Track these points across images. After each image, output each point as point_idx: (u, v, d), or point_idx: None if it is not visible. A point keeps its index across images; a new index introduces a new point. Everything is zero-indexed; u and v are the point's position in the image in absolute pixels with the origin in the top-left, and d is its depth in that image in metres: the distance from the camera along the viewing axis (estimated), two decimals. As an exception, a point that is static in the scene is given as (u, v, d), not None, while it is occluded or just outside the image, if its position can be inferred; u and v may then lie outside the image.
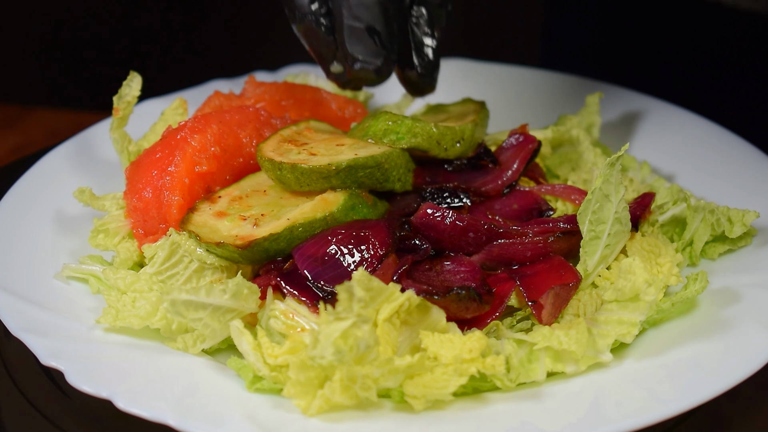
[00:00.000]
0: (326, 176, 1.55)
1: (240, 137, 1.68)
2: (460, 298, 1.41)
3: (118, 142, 1.79)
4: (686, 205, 1.66)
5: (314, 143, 1.64)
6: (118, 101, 1.76)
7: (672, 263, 1.55)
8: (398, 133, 1.63)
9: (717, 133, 1.97)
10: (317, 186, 1.56)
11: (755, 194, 1.76)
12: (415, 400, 1.31)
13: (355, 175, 1.56)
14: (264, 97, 1.87)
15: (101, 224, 1.68)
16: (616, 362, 1.41)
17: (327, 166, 1.55)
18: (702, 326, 1.46)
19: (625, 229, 1.55)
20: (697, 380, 1.33)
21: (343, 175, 1.55)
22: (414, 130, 1.62)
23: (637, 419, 1.26)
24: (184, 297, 1.40)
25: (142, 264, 1.61)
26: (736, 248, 1.65)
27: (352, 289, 1.27)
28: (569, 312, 1.49)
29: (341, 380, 1.28)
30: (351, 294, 1.27)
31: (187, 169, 1.60)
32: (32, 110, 2.48)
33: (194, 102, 1.94)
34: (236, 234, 1.51)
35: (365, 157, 1.57)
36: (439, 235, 1.55)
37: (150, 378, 1.37)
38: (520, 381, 1.39)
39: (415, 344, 1.37)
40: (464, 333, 1.40)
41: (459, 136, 1.66)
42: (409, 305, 1.34)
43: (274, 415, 1.31)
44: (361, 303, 1.27)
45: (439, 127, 1.64)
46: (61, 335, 1.44)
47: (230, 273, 1.55)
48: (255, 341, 1.39)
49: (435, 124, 1.64)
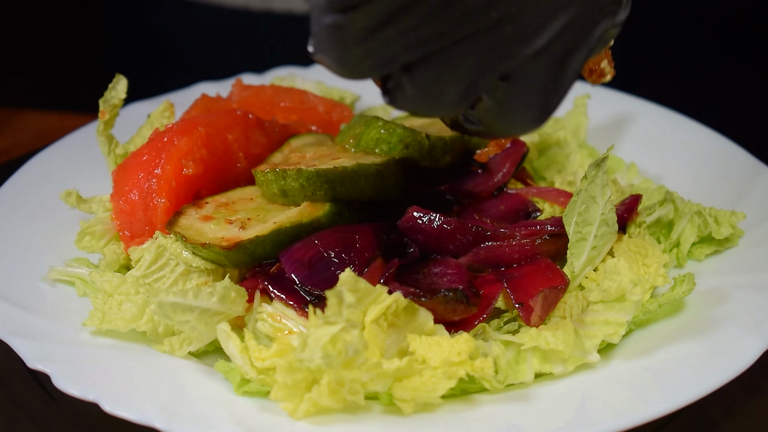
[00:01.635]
0: (331, 181, 1.54)
1: (227, 140, 1.67)
2: (447, 300, 1.41)
3: (104, 145, 1.79)
4: (673, 206, 1.67)
5: (307, 160, 1.63)
6: (104, 104, 1.76)
7: (659, 264, 1.56)
8: (390, 143, 1.63)
9: (704, 134, 1.98)
10: (321, 193, 1.55)
11: (742, 195, 1.76)
12: (404, 404, 1.31)
13: (358, 183, 1.55)
14: (251, 100, 1.87)
15: (88, 226, 1.68)
16: (603, 363, 1.41)
17: (333, 170, 1.54)
18: (689, 327, 1.46)
19: (612, 230, 1.55)
20: (684, 381, 1.33)
21: (347, 182, 1.54)
22: (406, 141, 1.62)
23: (625, 420, 1.27)
24: (172, 299, 1.39)
25: (129, 266, 1.60)
26: (723, 249, 1.66)
27: (342, 294, 1.27)
28: (556, 314, 1.49)
29: (329, 384, 1.27)
30: (341, 299, 1.27)
31: (174, 171, 1.60)
32: (19, 113, 2.47)
33: (181, 105, 1.94)
34: (222, 236, 1.50)
35: (368, 164, 1.56)
36: (425, 238, 1.55)
37: (137, 381, 1.36)
38: (508, 382, 1.39)
39: (402, 347, 1.36)
40: (451, 335, 1.40)
41: (449, 146, 1.67)
42: (397, 307, 1.34)
43: (261, 418, 1.31)
44: (350, 308, 1.27)
45: (432, 138, 1.64)
46: (47, 338, 1.44)
47: (216, 276, 1.54)
48: (242, 344, 1.38)
49: (426, 134, 1.64)
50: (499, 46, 1.19)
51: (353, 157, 1.62)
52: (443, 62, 1.20)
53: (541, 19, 1.19)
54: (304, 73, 2.21)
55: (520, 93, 1.25)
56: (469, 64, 1.20)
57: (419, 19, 1.15)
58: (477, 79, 1.22)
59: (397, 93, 1.23)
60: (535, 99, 1.26)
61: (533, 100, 1.26)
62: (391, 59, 1.18)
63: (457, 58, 1.19)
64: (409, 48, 1.17)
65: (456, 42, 1.18)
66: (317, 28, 1.16)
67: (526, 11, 1.18)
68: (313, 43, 1.18)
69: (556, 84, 1.26)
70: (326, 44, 1.17)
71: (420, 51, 1.18)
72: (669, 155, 1.95)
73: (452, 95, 1.23)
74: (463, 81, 1.22)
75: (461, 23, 1.17)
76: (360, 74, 1.19)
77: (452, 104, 1.24)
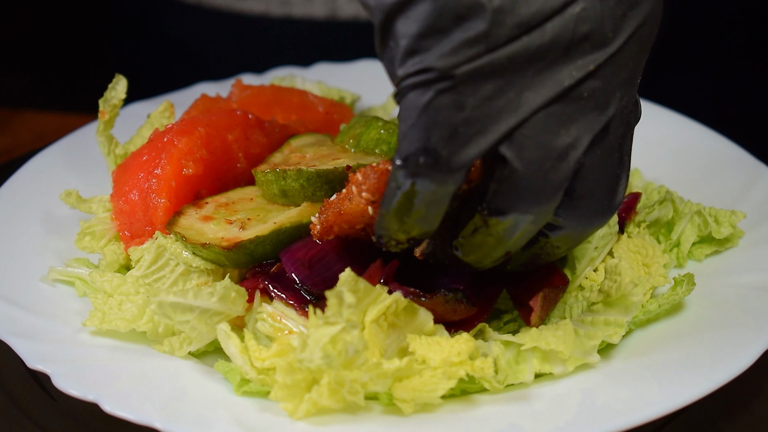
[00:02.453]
0: (331, 181, 1.54)
1: (227, 140, 1.67)
2: (447, 300, 1.41)
3: (104, 145, 1.79)
4: (672, 206, 1.67)
5: (307, 161, 1.63)
6: (103, 104, 1.76)
7: (659, 264, 1.56)
8: (390, 143, 1.63)
9: (703, 134, 1.98)
10: (321, 194, 1.55)
11: (742, 195, 1.76)
12: (404, 404, 1.31)
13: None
14: (251, 100, 1.87)
15: (88, 227, 1.68)
16: (603, 363, 1.41)
17: (333, 170, 1.54)
18: (689, 327, 1.46)
19: (613, 231, 1.55)
20: (684, 381, 1.33)
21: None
22: None
23: (625, 420, 1.27)
24: (172, 299, 1.39)
25: (129, 267, 1.60)
26: (723, 249, 1.66)
27: (342, 295, 1.27)
28: (555, 315, 1.49)
29: (329, 384, 1.27)
30: (341, 299, 1.27)
31: (174, 171, 1.60)
32: (19, 113, 2.47)
33: (181, 105, 1.94)
34: (222, 236, 1.50)
35: (368, 164, 1.56)
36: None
37: (137, 381, 1.36)
38: (508, 382, 1.39)
39: (402, 347, 1.36)
40: (451, 335, 1.39)
41: None
42: (397, 307, 1.34)
43: (261, 419, 1.31)
44: (350, 308, 1.27)
45: None
46: (47, 338, 1.44)
47: (216, 276, 1.54)
48: (242, 344, 1.38)
49: None
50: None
51: (353, 157, 1.61)
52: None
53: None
54: (304, 73, 2.21)
55: (593, 184, 1.25)
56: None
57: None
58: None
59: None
60: (605, 189, 1.27)
61: (603, 191, 1.27)
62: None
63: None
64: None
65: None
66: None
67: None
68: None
69: (621, 168, 1.27)
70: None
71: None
72: (669, 155, 1.94)
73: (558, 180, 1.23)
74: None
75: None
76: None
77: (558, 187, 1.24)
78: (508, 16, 1.13)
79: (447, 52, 1.13)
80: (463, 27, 1.13)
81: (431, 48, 1.14)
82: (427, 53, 1.14)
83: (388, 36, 1.17)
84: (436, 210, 1.23)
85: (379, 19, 1.16)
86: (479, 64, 1.13)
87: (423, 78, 1.14)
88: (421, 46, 1.14)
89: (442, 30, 1.13)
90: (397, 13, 1.15)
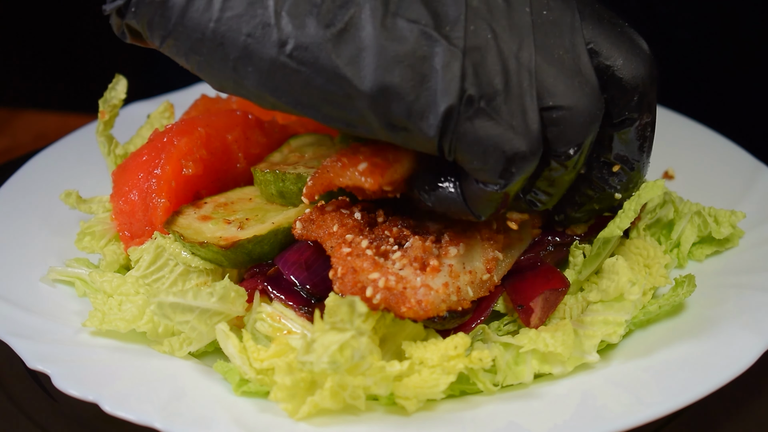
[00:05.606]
0: None
1: (227, 140, 1.67)
2: (435, 323, 1.39)
3: (104, 145, 1.79)
4: (672, 206, 1.67)
5: (306, 161, 1.63)
6: (103, 104, 1.76)
7: (660, 264, 1.55)
8: None
9: (704, 134, 1.98)
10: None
11: (742, 195, 1.76)
12: (407, 401, 1.31)
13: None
14: (251, 100, 1.86)
15: (87, 227, 1.68)
16: (603, 363, 1.41)
17: None
18: (689, 327, 1.46)
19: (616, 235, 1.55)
20: (683, 381, 1.33)
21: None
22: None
23: (624, 421, 1.27)
24: (172, 300, 1.39)
25: (129, 267, 1.60)
26: (723, 249, 1.66)
27: (354, 304, 1.26)
28: (555, 316, 1.49)
29: (332, 388, 1.28)
30: (353, 308, 1.26)
31: (174, 172, 1.60)
32: (19, 113, 2.47)
33: (181, 105, 1.94)
34: (220, 236, 1.50)
35: None
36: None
37: (136, 381, 1.36)
38: (507, 383, 1.39)
39: (398, 352, 1.37)
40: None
41: None
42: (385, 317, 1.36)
43: (261, 419, 1.31)
44: (361, 317, 1.26)
45: None
46: (47, 338, 1.44)
47: (215, 277, 1.54)
48: (241, 344, 1.38)
49: None
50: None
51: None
52: None
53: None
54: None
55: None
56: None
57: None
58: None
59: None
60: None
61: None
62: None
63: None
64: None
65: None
66: None
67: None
68: None
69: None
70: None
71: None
72: (669, 155, 1.94)
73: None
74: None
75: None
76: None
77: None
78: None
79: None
80: None
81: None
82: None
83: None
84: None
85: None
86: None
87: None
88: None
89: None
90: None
